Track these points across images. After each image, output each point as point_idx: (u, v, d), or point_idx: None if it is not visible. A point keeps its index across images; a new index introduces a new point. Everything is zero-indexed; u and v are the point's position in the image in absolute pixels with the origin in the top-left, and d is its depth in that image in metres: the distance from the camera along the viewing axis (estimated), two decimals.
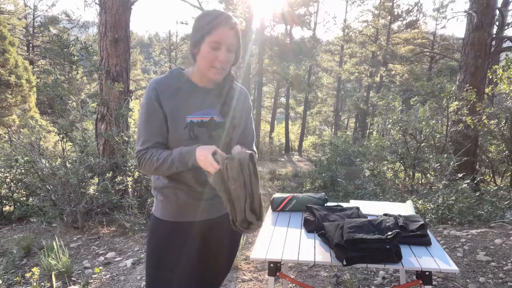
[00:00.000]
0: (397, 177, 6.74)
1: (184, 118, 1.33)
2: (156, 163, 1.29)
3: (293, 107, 29.52)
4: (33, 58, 20.90)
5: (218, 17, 1.28)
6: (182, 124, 1.33)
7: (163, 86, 1.35)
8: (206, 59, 1.30)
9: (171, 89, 1.35)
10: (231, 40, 1.30)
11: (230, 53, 1.32)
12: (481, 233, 3.51)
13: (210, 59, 1.29)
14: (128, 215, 4.42)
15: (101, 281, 2.90)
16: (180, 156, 1.26)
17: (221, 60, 1.29)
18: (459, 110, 6.47)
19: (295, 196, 2.21)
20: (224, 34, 1.28)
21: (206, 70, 1.32)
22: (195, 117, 1.35)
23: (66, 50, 4.83)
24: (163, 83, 1.36)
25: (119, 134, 5.19)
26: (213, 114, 1.38)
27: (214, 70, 1.31)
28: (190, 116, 1.34)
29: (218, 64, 1.30)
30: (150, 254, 1.43)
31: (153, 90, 1.33)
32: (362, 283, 2.73)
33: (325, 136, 15.29)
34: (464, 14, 7.34)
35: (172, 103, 1.34)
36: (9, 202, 5.15)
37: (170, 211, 1.41)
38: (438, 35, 23.44)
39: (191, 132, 1.34)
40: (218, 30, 1.27)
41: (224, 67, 1.32)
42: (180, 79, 1.38)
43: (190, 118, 1.34)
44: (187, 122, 1.33)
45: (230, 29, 1.29)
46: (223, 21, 1.28)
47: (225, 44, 1.28)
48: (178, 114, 1.33)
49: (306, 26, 21.98)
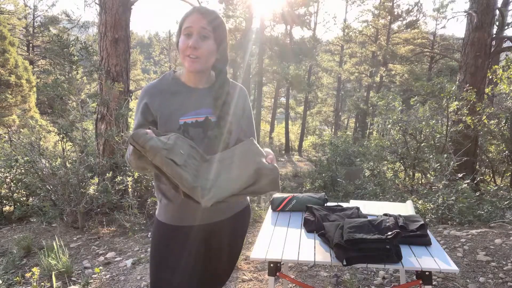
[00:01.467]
0: (397, 177, 6.74)
1: (177, 121, 1.32)
2: (128, 157, 1.31)
3: (293, 107, 29.52)
4: (33, 58, 20.90)
5: (191, 9, 1.31)
6: (175, 126, 1.32)
7: (153, 92, 1.35)
8: (180, 50, 1.29)
9: (162, 93, 1.35)
10: (201, 24, 1.26)
11: (204, 39, 1.28)
12: (481, 233, 3.51)
13: (183, 48, 1.28)
14: (128, 215, 4.42)
15: (101, 281, 2.90)
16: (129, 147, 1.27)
17: (191, 45, 1.25)
18: (459, 110, 6.47)
19: (295, 196, 2.21)
20: (193, 19, 1.27)
21: (182, 61, 1.31)
22: (188, 118, 1.33)
23: (66, 50, 4.83)
24: (154, 89, 1.36)
25: (119, 134, 5.19)
26: (208, 113, 1.36)
27: (187, 59, 1.28)
28: (183, 117, 1.33)
29: (188, 50, 1.27)
30: (153, 256, 1.44)
31: (142, 100, 1.35)
32: (362, 283, 2.73)
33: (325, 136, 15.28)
34: (464, 14, 7.34)
35: (164, 107, 1.33)
36: (9, 202, 5.15)
37: (173, 215, 1.41)
38: (438, 35, 23.46)
39: (185, 134, 1.32)
40: (188, 18, 1.28)
41: (198, 55, 1.27)
42: (171, 82, 1.38)
43: (183, 120, 1.33)
44: (180, 124, 1.32)
45: (199, 14, 1.28)
46: (194, 10, 1.30)
47: (195, 28, 1.26)
48: (170, 117, 1.32)
49: (306, 26, 21.97)
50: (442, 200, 4.36)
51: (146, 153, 1.16)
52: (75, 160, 4.74)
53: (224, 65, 1.41)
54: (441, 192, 4.45)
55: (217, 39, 1.31)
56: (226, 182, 1.23)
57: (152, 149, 1.15)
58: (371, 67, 23.93)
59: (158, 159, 1.16)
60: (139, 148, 1.16)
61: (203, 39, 1.28)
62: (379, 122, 7.78)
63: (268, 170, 1.25)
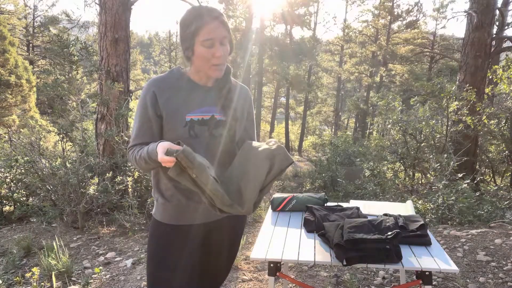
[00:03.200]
0: (397, 177, 6.74)
1: (184, 117, 1.32)
2: (137, 160, 1.32)
3: (293, 107, 29.51)
4: (33, 58, 20.89)
5: (200, 15, 1.27)
6: (182, 122, 1.32)
7: (161, 85, 1.34)
8: (203, 59, 1.29)
9: (170, 88, 1.35)
10: (221, 33, 1.28)
11: (224, 45, 1.30)
12: (481, 233, 3.51)
13: (208, 58, 1.28)
14: (128, 215, 4.42)
15: (101, 281, 2.90)
16: (149, 155, 1.26)
17: (218, 55, 1.28)
18: (459, 110, 6.47)
19: (295, 196, 2.21)
20: (212, 29, 1.26)
21: (206, 69, 1.31)
22: (195, 115, 1.34)
23: (66, 50, 4.83)
24: (162, 82, 1.35)
25: (119, 134, 5.19)
26: (214, 112, 1.37)
27: (214, 67, 1.30)
28: (189, 114, 1.33)
29: (216, 61, 1.29)
30: (151, 256, 1.43)
31: (149, 91, 1.33)
32: (362, 283, 2.73)
33: (325, 136, 15.29)
34: (464, 14, 7.34)
35: (171, 102, 1.33)
36: (9, 202, 5.15)
37: (171, 214, 1.41)
38: (438, 35, 23.43)
39: (191, 131, 1.33)
40: (205, 28, 1.25)
41: (223, 62, 1.32)
42: (180, 78, 1.38)
43: (190, 117, 1.33)
44: (187, 120, 1.32)
45: (216, 21, 1.27)
46: (212, 17, 1.26)
47: (217, 38, 1.27)
48: (177, 113, 1.32)
49: (306, 26, 21.97)
50: (442, 200, 4.36)
51: (192, 169, 1.16)
52: (75, 160, 4.74)
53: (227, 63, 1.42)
54: (441, 192, 4.45)
55: (230, 41, 1.34)
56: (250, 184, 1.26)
57: (201, 166, 1.16)
58: (371, 67, 23.92)
59: (205, 177, 1.17)
60: (187, 164, 1.15)
61: (223, 45, 1.30)
62: (379, 122, 7.79)
63: (276, 150, 1.32)
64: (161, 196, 1.41)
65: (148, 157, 1.26)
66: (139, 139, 1.36)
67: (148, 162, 1.28)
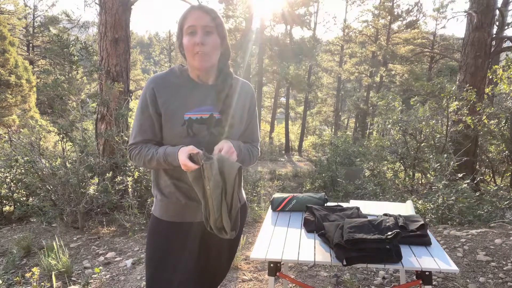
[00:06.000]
0: (397, 177, 6.74)
1: (182, 115, 1.32)
2: (145, 159, 1.33)
3: (293, 107, 29.52)
4: (33, 58, 20.89)
5: (188, 9, 1.31)
6: (180, 121, 1.32)
7: (161, 83, 1.35)
8: (187, 49, 1.29)
9: (170, 85, 1.35)
10: (204, 21, 1.28)
11: (209, 35, 1.29)
12: (481, 233, 3.51)
13: (190, 46, 1.28)
14: (128, 215, 4.42)
15: (101, 281, 2.90)
16: (165, 156, 1.28)
17: (198, 41, 1.26)
18: (459, 110, 6.47)
19: (295, 196, 2.21)
20: (194, 17, 1.28)
21: (191, 60, 1.31)
22: (193, 114, 1.33)
23: (66, 50, 4.83)
24: (162, 80, 1.36)
25: (119, 134, 5.19)
26: (213, 110, 1.36)
27: (196, 56, 1.29)
28: (188, 113, 1.33)
29: (197, 48, 1.27)
30: (150, 254, 1.43)
31: (148, 89, 1.34)
32: (362, 283, 2.73)
33: (325, 136, 15.27)
34: (464, 14, 7.34)
35: (170, 99, 1.33)
36: (9, 202, 5.15)
37: (170, 211, 1.40)
38: (438, 35, 23.44)
39: (189, 129, 1.32)
40: (189, 16, 1.29)
41: (205, 51, 1.28)
42: (180, 76, 1.38)
43: (188, 115, 1.32)
44: (185, 119, 1.32)
45: (200, 11, 1.29)
46: (194, 8, 1.30)
47: (199, 26, 1.27)
48: (175, 111, 1.32)
49: (306, 26, 21.95)
50: (442, 200, 4.36)
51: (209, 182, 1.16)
52: (75, 160, 4.74)
53: (227, 60, 1.41)
54: (441, 192, 4.45)
55: (220, 34, 1.33)
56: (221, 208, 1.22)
57: (217, 183, 1.17)
58: (371, 67, 23.92)
59: (216, 194, 1.18)
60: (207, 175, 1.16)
61: (208, 35, 1.29)
62: (379, 122, 7.78)
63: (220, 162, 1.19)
64: (160, 193, 1.41)
65: (164, 159, 1.27)
66: (141, 136, 1.36)
67: (162, 163, 1.29)
